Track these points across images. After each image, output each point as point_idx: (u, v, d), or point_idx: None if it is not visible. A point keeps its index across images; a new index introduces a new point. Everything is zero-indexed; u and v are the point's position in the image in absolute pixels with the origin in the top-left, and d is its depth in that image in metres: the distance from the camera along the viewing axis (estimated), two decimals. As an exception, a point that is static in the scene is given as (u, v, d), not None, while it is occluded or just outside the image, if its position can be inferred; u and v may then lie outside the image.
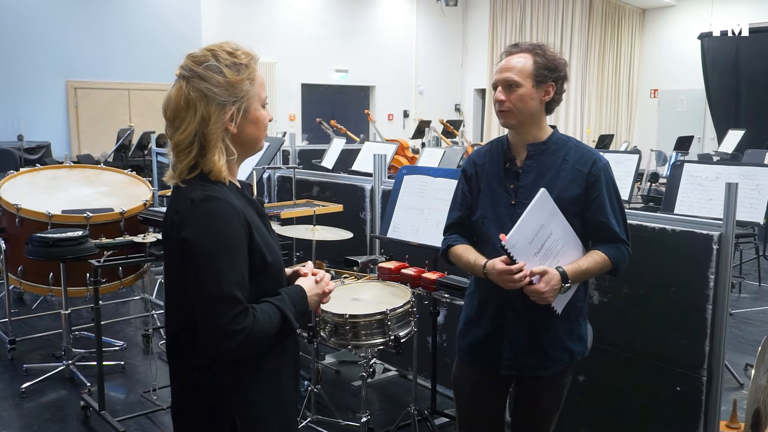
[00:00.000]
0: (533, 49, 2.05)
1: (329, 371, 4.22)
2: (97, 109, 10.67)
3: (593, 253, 2.05)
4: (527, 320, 2.07)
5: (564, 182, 2.03)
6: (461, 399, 2.32)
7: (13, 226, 4.07)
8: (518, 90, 2.02)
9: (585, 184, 2.04)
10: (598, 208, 2.04)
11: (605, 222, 2.04)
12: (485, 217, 2.12)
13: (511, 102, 2.02)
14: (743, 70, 11.79)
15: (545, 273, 1.92)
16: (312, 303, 1.63)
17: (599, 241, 2.08)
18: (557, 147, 2.08)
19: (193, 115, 1.47)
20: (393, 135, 11.88)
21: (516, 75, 2.02)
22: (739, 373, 4.15)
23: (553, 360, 2.11)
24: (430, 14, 15.35)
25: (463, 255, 2.13)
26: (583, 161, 2.05)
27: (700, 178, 3.79)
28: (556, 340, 2.10)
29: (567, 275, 1.96)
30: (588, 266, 2.02)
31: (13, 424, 3.60)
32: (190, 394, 1.56)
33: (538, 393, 2.17)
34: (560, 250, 2.02)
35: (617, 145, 12.81)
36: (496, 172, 2.13)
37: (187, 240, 1.42)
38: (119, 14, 10.78)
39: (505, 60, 2.07)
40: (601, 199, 2.04)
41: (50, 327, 4.97)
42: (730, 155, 8.70)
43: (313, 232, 3.32)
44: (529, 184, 2.05)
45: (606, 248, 2.06)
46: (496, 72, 2.08)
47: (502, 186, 2.11)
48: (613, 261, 2.05)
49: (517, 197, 2.06)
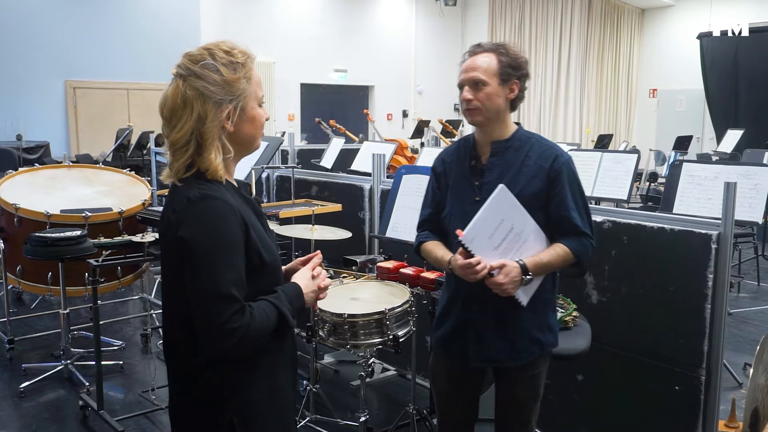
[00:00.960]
0: (496, 48, 2.11)
1: (328, 371, 4.21)
2: (96, 108, 10.66)
3: (555, 246, 2.11)
4: (493, 312, 2.13)
5: (526, 178, 2.09)
6: (437, 389, 2.39)
7: (11, 226, 4.07)
8: (485, 88, 2.08)
9: (547, 179, 2.09)
10: (560, 202, 2.09)
11: (567, 216, 2.10)
12: (452, 213, 2.19)
13: (479, 100, 2.08)
14: (742, 70, 11.79)
15: (504, 266, 1.98)
16: (308, 300, 1.63)
17: (562, 235, 2.13)
18: (521, 144, 2.14)
19: (190, 113, 1.47)
20: (392, 135, 11.87)
21: (482, 74, 2.07)
22: (737, 372, 4.15)
23: (522, 351, 2.15)
24: (429, 14, 15.35)
25: (432, 251, 2.22)
26: (545, 157, 2.11)
27: (698, 178, 3.79)
28: (524, 331, 2.14)
29: (527, 267, 2.02)
30: (549, 259, 2.08)
31: (12, 423, 3.60)
32: (188, 394, 1.56)
33: (512, 384, 2.22)
34: (523, 244, 2.07)
35: (616, 144, 12.82)
36: (462, 170, 2.20)
37: (184, 239, 1.42)
38: (118, 14, 10.77)
39: (470, 60, 2.11)
40: (563, 194, 2.09)
41: (49, 327, 4.96)
42: (729, 155, 8.71)
43: (312, 231, 3.32)
44: (493, 180, 2.10)
45: (569, 241, 2.11)
46: (461, 72, 2.12)
47: (467, 183, 2.17)
48: (576, 254, 2.10)
49: (481, 194, 2.12)
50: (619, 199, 4.52)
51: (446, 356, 2.28)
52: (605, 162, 4.69)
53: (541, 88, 15.10)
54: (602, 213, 3.05)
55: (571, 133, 14.69)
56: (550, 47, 14.90)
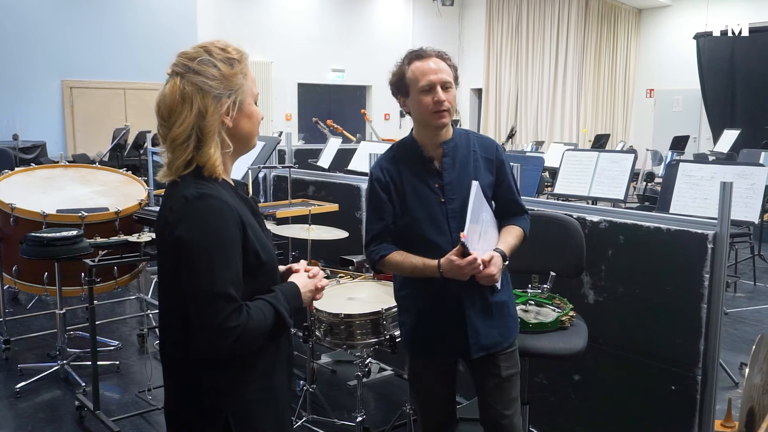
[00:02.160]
0: (439, 54, 2.17)
1: (325, 371, 4.21)
2: (92, 108, 10.64)
3: (512, 229, 2.26)
4: (481, 303, 2.18)
5: (480, 171, 2.20)
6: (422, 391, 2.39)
7: (7, 226, 4.06)
8: (451, 90, 2.14)
9: (494, 169, 2.24)
10: (507, 187, 2.27)
11: (514, 199, 2.30)
12: (418, 219, 2.16)
13: (449, 102, 2.13)
14: (739, 71, 11.82)
15: (492, 258, 2.06)
16: (305, 299, 1.63)
17: (509, 216, 2.29)
18: (463, 141, 2.24)
19: (189, 109, 1.47)
20: (389, 134, 11.87)
21: (448, 76, 2.13)
22: (734, 372, 4.16)
23: (509, 330, 2.26)
24: (426, 14, 15.37)
25: (405, 261, 2.15)
26: (488, 149, 2.25)
27: (695, 178, 3.80)
28: (506, 309, 2.26)
29: (506, 254, 2.14)
30: (515, 242, 2.23)
31: (8, 424, 3.59)
32: (184, 393, 1.56)
33: (496, 364, 2.24)
34: (488, 233, 2.18)
35: (613, 144, 12.85)
36: (416, 175, 2.19)
37: (181, 238, 1.42)
38: (115, 14, 10.75)
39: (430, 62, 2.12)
40: (508, 179, 2.27)
41: (45, 327, 4.96)
42: (725, 155, 8.73)
43: (309, 231, 3.32)
44: (454, 180, 2.16)
45: (518, 221, 2.29)
46: (425, 73, 2.11)
47: (426, 187, 2.18)
48: (524, 231, 2.29)
49: (444, 195, 2.16)
50: (615, 198, 4.53)
51: (434, 356, 2.29)
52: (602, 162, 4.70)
53: (538, 88, 15.12)
54: (599, 213, 3.05)
55: (568, 133, 14.71)
56: (547, 47, 14.91)
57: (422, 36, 15.38)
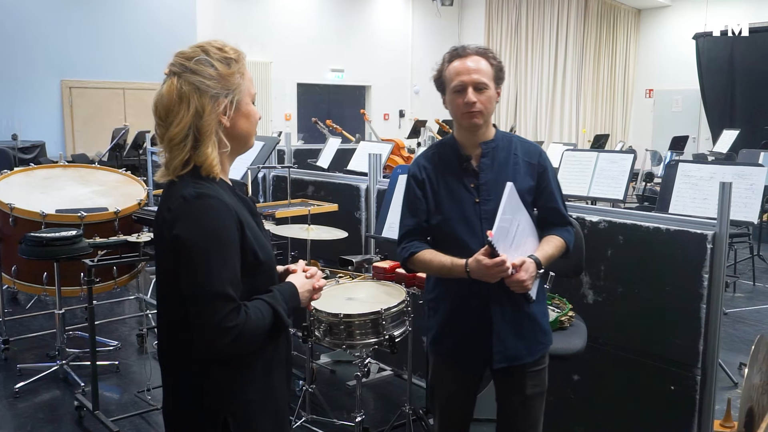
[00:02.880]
0: (485, 52, 2.13)
1: (324, 371, 4.21)
2: (92, 108, 10.63)
3: (553, 239, 2.17)
4: (510, 311, 2.12)
5: (520, 175, 2.14)
6: (442, 393, 2.33)
7: (6, 226, 4.06)
8: (486, 91, 2.09)
9: (536, 175, 2.17)
10: (549, 195, 2.19)
11: (556, 208, 2.20)
12: (450, 218, 2.14)
13: (482, 103, 2.09)
14: (738, 71, 11.83)
15: (523, 263, 2.00)
16: (303, 299, 1.63)
17: (551, 226, 2.20)
18: (505, 143, 2.18)
19: (187, 108, 1.46)
20: (389, 135, 11.87)
21: (484, 77, 2.08)
22: (733, 372, 4.16)
23: (536, 345, 2.18)
24: (425, 14, 15.36)
25: (434, 259, 2.12)
26: (530, 154, 2.18)
27: (694, 178, 3.79)
28: (537, 324, 2.18)
29: (540, 262, 2.06)
30: (553, 252, 2.14)
31: (7, 424, 3.59)
32: (182, 393, 1.56)
33: (522, 381, 2.19)
34: (525, 239, 2.11)
35: (612, 144, 12.84)
36: (452, 174, 2.17)
37: (180, 237, 1.42)
38: (114, 13, 10.74)
39: (466, 62, 2.09)
40: (550, 187, 2.19)
41: (44, 327, 4.95)
42: (724, 155, 8.73)
43: (308, 231, 3.32)
44: (491, 180, 2.12)
45: (560, 232, 2.19)
46: (459, 73, 2.09)
47: (462, 186, 2.14)
48: (567, 243, 2.19)
49: (480, 195, 2.12)
50: (615, 199, 4.52)
51: (458, 365, 2.23)
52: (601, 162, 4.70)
53: (537, 88, 15.12)
54: (598, 213, 3.05)
55: (568, 133, 14.71)
56: (546, 47, 14.91)
57: (422, 36, 15.39)
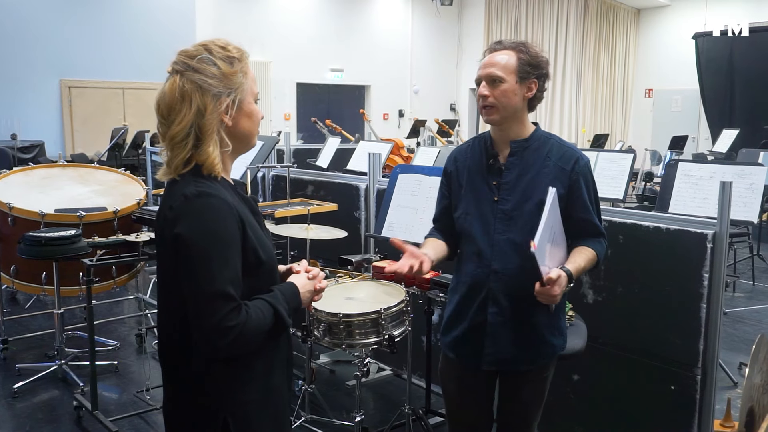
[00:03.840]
0: (517, 46, 2.07)
1: (323, 371, 4.21)
2: (91, 108, 10.62)
3: (584, 250, 2.08)
4: (511, 316, 2.07)
5: (547, 180, 2.04)
6: (448, 395, 2.33)
7: (5, 226, 4.05)
8: (501, 85, 2.03)
9: (568, 182, 2.06)
10: (582, 205, 2.08)
11: (589, 219, 2.10)
12: (468, 213, 2.13)
13: (495, 97, 2.04)
14: (737, 70, 11.83)
15: (559, 277, 1.90)
16: (304, 300, 1.62)
17: (582, 237, 2.11)
18: (540, 144, 2.10)
19: (189, 107, 1.46)
20: (388, 134, 11.86)
21: (500, 71, 2.03)
22: (733, 371, 4.16)
23: (536, 355, 2.12)
24: (425, 13, 15.35)
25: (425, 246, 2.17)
26: (565, 159, 2.07)
27: (694, 178, 3.79)
28: (539, 335, 2.10)
29: (573, 275, 1.97)
30: (584, 264, 2.05)
31: (6, 424, 3.58)
32: (182, 394, 1.55)
33: (519, 387, 2.18)
34: (556, 248, 2.02)
35: (612, 144, 12.83)
36: (478, 169, 2.15)
37: (181, 236, 1.41)
38: (114, 13, 10.73)
39: (489, 56, 2.08)
40: (584, 197, 2.08)
41: (43, 326, 4.95)
42: (724, 155, 8.73)
43: (308, 231, 3.31)
44: (512, 180, 2.07)
45: (591, 243, 2.10)
46: (479, 68, 2.09)
47: (484, 182, 2.12)
48: (599, 256, 2.11)
49: (499, 194, 2.08)
50: (615, 198, 4.53)
51: (457, 359, 2.21)
52: (601, 161, 4.70)
53: (537, 87, 15.09)
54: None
55: (567, 132, 14.70)
56: (546, 47, 14.88)
57: (421, 36, 15.38)
